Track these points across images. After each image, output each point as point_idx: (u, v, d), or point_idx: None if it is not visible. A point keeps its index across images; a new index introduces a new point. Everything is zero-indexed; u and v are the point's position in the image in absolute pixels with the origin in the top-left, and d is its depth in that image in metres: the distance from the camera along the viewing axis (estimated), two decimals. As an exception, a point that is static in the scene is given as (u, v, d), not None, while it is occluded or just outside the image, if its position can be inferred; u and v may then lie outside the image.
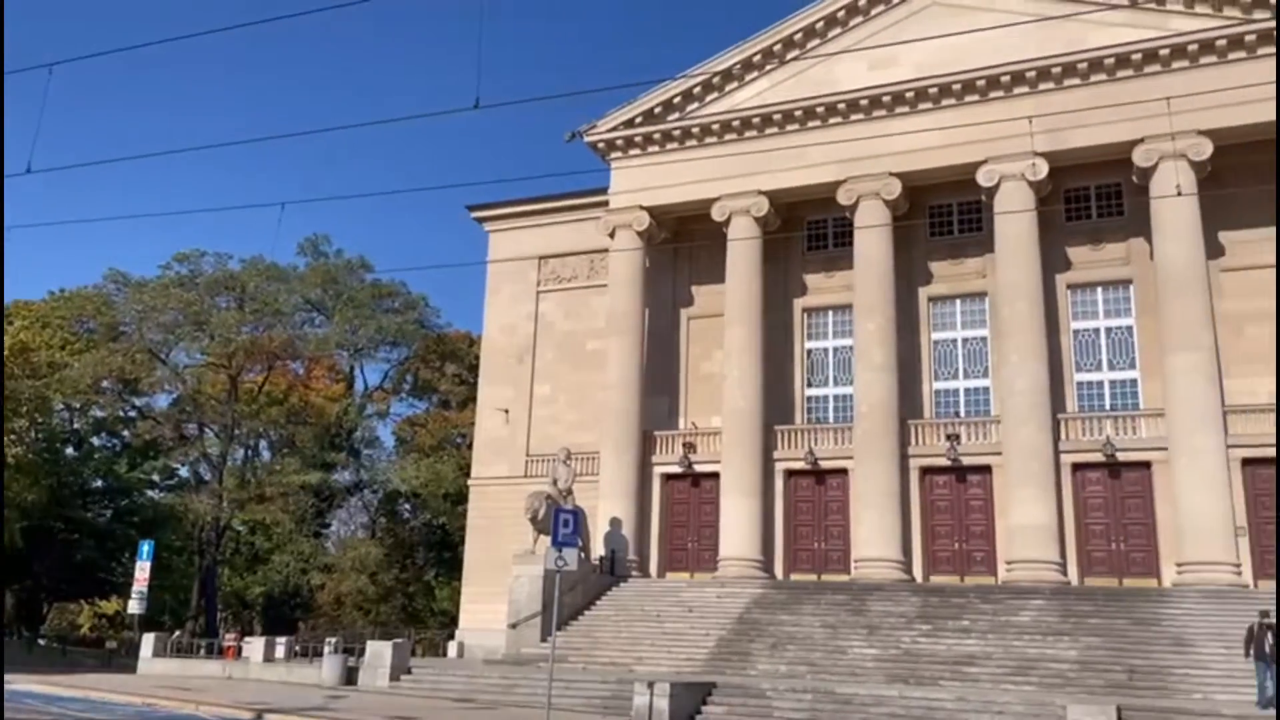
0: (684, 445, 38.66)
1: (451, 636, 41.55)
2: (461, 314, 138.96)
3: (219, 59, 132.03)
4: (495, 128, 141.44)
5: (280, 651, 34.41)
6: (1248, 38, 31.78)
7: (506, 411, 42.92)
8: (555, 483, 35.30)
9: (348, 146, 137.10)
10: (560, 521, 22.67)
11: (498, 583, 36.29)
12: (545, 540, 30.30)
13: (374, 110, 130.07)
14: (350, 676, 29.78)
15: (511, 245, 44.56)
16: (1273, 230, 33.01)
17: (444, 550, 62.43)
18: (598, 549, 36.42)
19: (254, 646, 34.50)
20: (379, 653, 29.52)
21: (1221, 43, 32.11)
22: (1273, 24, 31.41)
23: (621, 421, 38.16)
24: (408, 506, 66.89)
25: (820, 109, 37.05)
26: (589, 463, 38.89)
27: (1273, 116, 30.84)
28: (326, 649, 33.62)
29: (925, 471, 35.37)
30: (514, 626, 32.64)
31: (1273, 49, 31.45)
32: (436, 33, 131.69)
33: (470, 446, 47.07)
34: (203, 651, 37.17)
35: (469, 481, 44.06)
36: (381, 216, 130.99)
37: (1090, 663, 26.06)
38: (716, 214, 38.33)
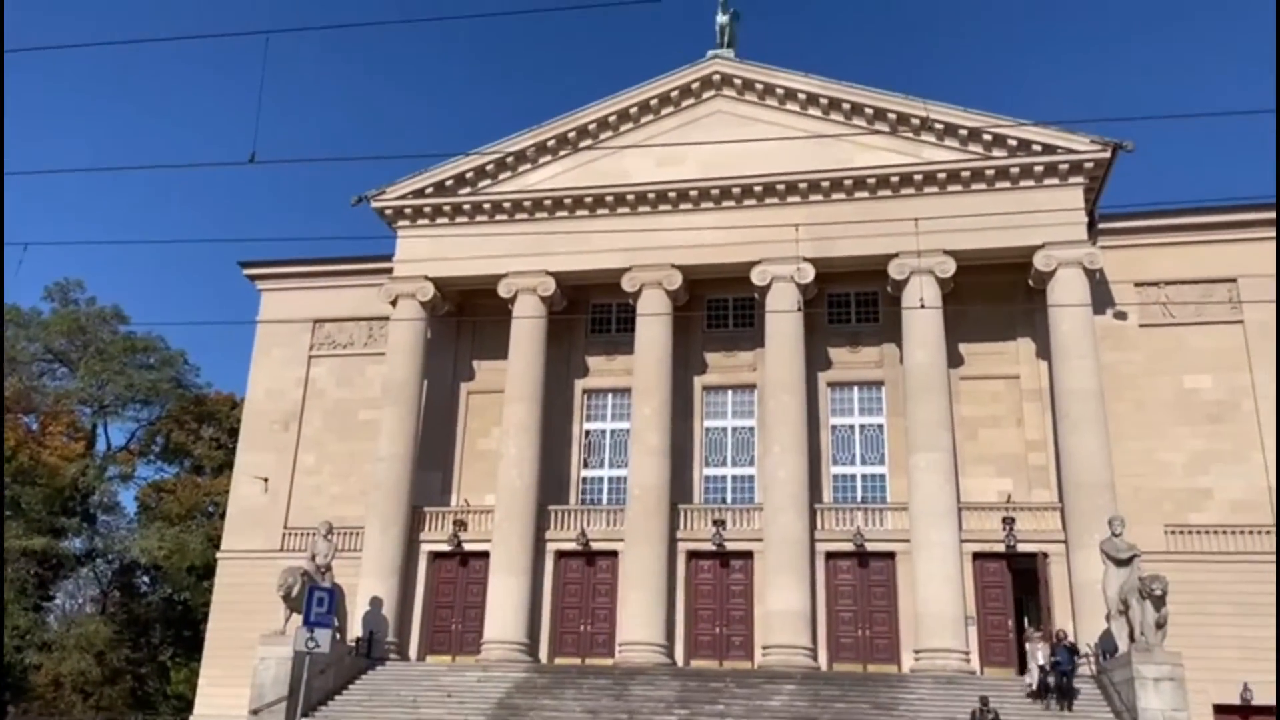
0: (455, 523, 37.82)
1: (184, 723, 38.17)
2: (225, 375, 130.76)
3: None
4: (274, 185, 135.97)
5: (-23, 742, 30.51)
6: (987, 171, 35.61)
7: (266, 480, 40.61)
8: (314, 558, 33.44)
9: (110, 191, 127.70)
10: (315, 599, 21.66)
11: (243, 665, 33.72)
12: (297, 619, 28.65)
13: (145, 155, 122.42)
14: (60, 770, 26.72)
15: (285, 306, 42.74)
16: (1002, 344, 37.03)
17: (184, 628, 57.42)
18: (355, 629, 34.71)
19: (-55, 736, 30.41)
20: (96, 743, 26.69)
21: (966, 174, 35.79)
22: (1008, 162, 35.42)
23: (390, 496, 36.95)
24: (146, 579, 61.28)
25: (609, 198, 38.22)
26: (353, 538, 37.32)
27: (1004, 244, 35.05)
28: (34, 739, 30.09)
29: (692, 555, 36.20)
30: (255, 713, 30.35)
31: (1008, 184, 35.50)
32: (220, 80, 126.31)
33: (224, 516, 44.04)
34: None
35: (219, 554, 41.05)
36: (144, 268, 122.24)
37: (835, 746, 27.13)
38: (503, 290, 38.44)
